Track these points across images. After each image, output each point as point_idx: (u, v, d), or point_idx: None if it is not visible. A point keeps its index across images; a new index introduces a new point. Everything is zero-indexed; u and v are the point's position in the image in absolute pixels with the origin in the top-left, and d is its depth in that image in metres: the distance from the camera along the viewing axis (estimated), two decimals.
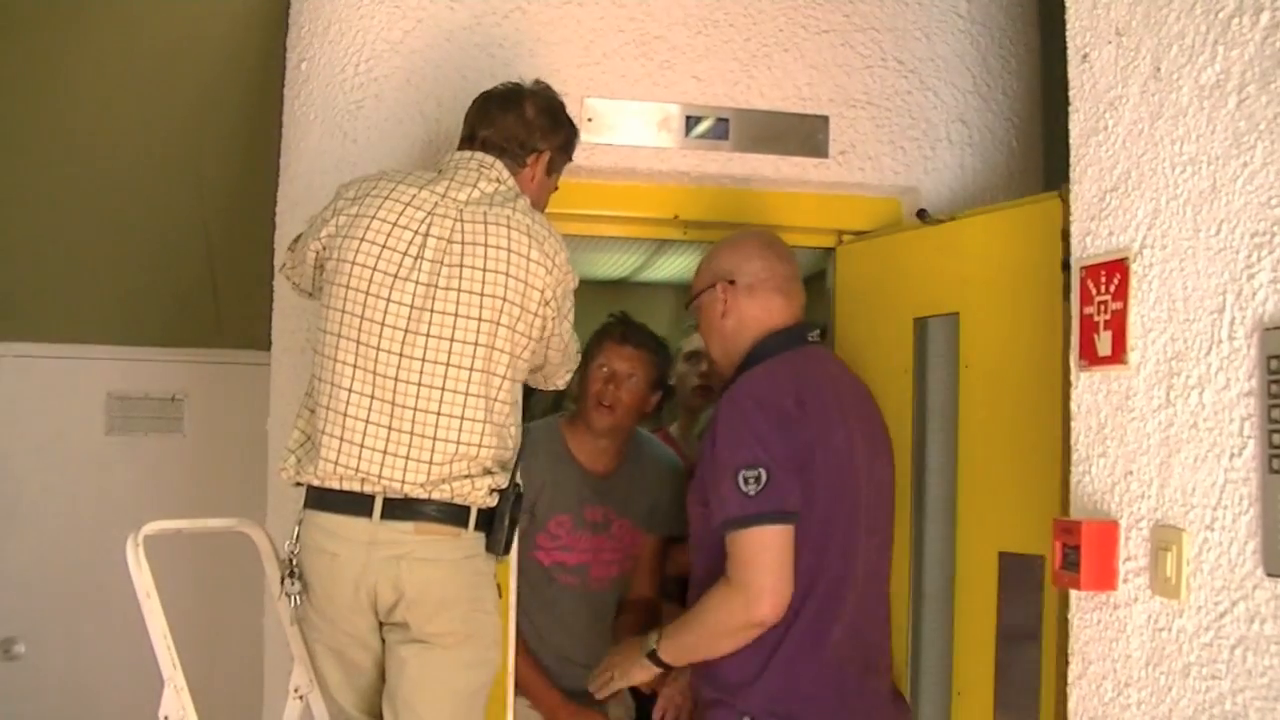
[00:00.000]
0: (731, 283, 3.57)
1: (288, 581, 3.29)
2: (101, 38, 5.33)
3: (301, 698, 3.45)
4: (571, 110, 3.61)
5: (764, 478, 3.19)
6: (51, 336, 5.40)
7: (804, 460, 3.25)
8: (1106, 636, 2.51)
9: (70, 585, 5.27)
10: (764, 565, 3.19)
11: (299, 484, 3.30)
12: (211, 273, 5.46)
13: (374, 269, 3.21)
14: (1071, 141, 2.72)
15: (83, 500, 5.35)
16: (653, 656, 3.52)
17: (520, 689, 4.12)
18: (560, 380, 3.69)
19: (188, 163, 5.41)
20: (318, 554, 3.24)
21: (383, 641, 3.29)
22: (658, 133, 4.12)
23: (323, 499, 3.24)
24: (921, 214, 3.96)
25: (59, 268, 5.40)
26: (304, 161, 4.06)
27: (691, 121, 4.14)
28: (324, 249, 3.33)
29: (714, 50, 4.17)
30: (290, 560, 3.29)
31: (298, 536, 3.29)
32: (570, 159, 3.65)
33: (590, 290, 3.70)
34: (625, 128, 4.10)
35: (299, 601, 3.31)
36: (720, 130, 4.16)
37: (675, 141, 4.14)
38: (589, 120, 4.04)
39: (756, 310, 3.56)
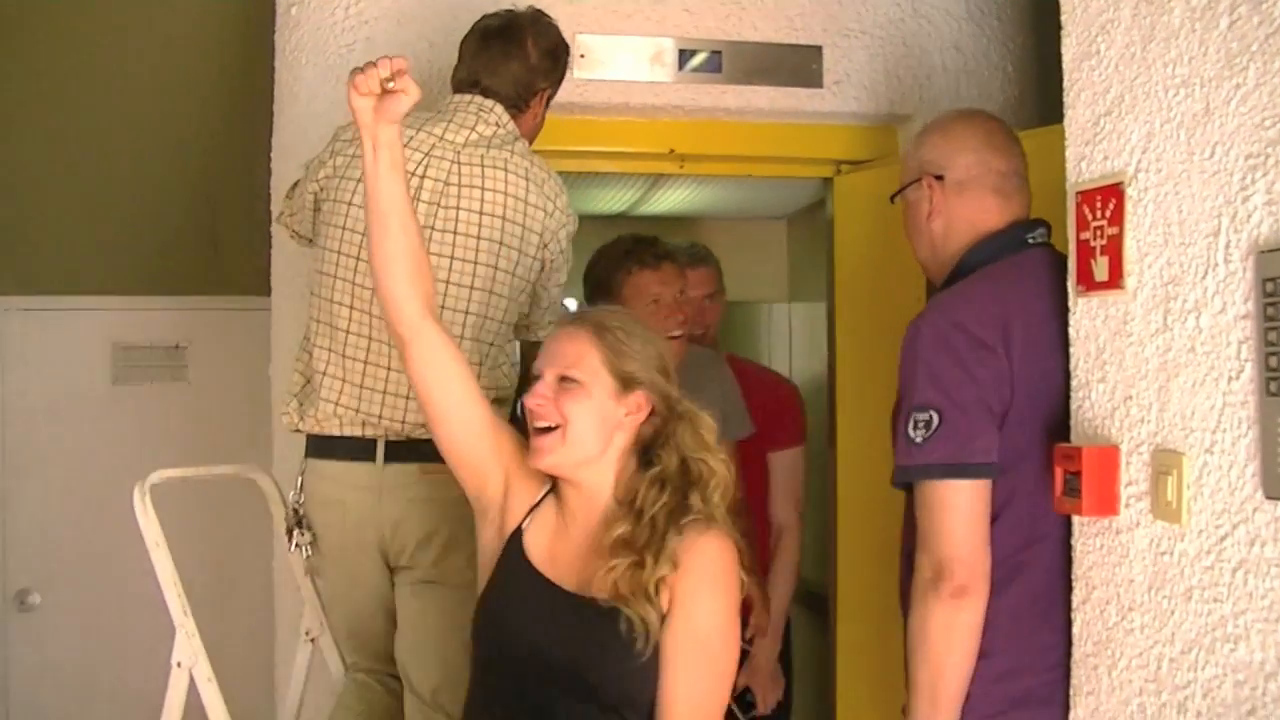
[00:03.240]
0: (939, 178, 2.96)
1: (297, 533, 3.30)
2: None
3: (313, 640, 3.49)
4: None
5: (934, 422, 2.63)
6: (55, 289, 5.40)
7: (1005, 402, 2.67)
8: (1109, 562, 2.51)
9: (82, 535, 5.29)
10: (942, 530, 2.62)
11: (299, 431, 3.31)
12: (211, 220, 5.47)
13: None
14: (1064, 66, 2.70)
15: (92, 451, 5.36)
16: None
17: None
18: (542, 331, 3.46)
19: (182, 111, 5.41)
20: (324, 504, 3.25)
21: (393, 586, 3.30)
22: (651, 67, 4.10)
23: (325, 447, 3.25)
24: None
25: (59, 220, 5.40)
26: (297, 106, 4.06)
27: (685, 55, 4.13)
28: (321, 190, 3.33)
29: None
30: (296, 512, 3.30)
31: (302, 487, 3.30)
32: (561, 83, 3.60)
33: (588, 225, 3.68)
34: (618, 63, 4.08)
35: (309, 552, 3.32)
36: (713, 63, 4.14)
37: (669, 76, 4.12)
38: (581, 56, 4.03)
39: (967, 211, 2.94)
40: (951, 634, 2.61)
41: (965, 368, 2.66)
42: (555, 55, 3.50)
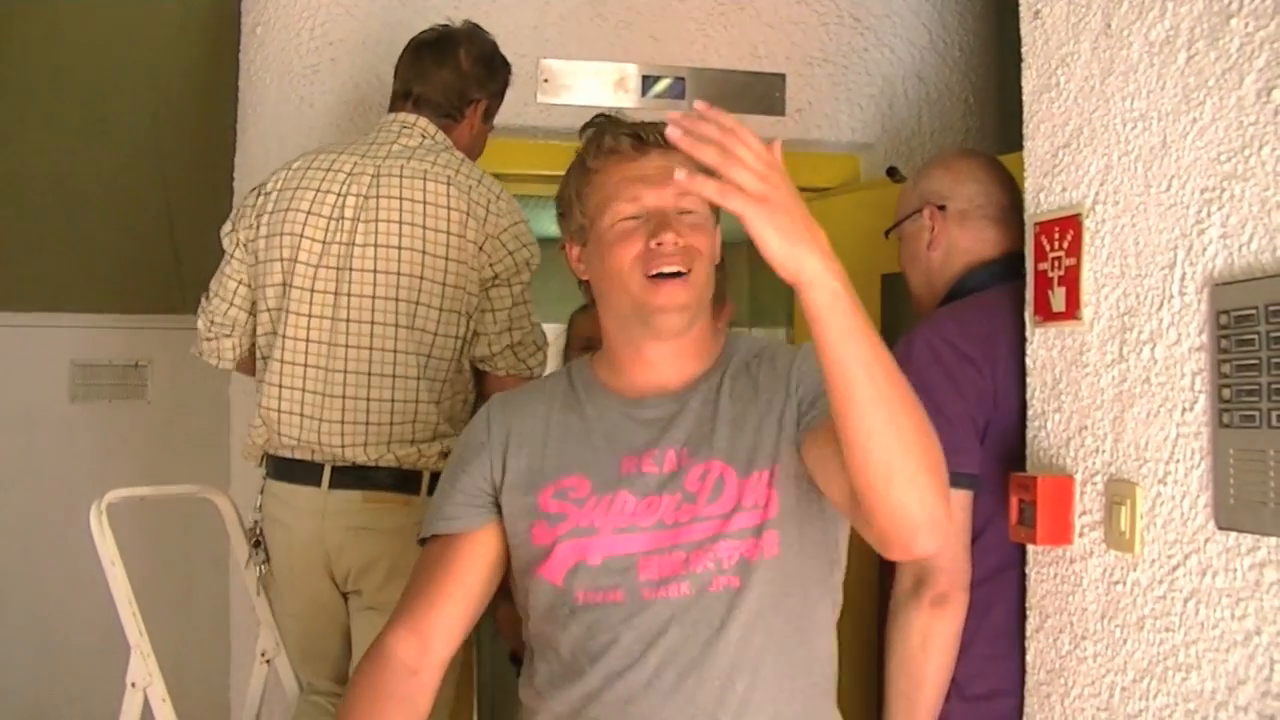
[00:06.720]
0: (941, 208, 3.02)
1: (254, 552, 3.29)
2: (55, 6, 5.29)
3: (268, 662, 3.46)
4: (527, 71, 3.61)
5: None
6: (13, 305, 5.37)
7: (988, 416, 2.72)
8: (1063, 590, 2.52)
9: (37, 553, 5.25)
10: None
11: (265, 454, 3.30)
12: (172, 239, 5.44)
13: (301, 235, 3.21)
14: (1024, 98, 2.72)
15: (49, 469, 5.33)
16: None
17: None
18: (499, 360, 3.29)
19: (145, 129, 5.38)
20: (273, 524, 3.25)
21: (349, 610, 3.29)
22: (614, 93, 4.11)
23: (278, 468, 3.25)
24: (891, 171, 3.96)
25: (19, 237, 5.37)
26: (261, 125, 4.06)
27: (648, 81, 4.14)
28: (254, 232, 3.32)
29: (670, 9, 4.17)
30: (255, 529, 3.29)
31: (260, 506, 3.29)
32: (502, 100, 3.59)
33: (551, 248, 3.66)
34: (581, 88, 4.09)
35: (262, 571, 3.31)
36: (677, 90, 4.15)
37: (632, 101, 4.13)
38: (545, 81, 4.04)
39: (967, 241, 3.00)
40: (931, 643, 2.61)
41: (953, 381, 2.69)
42: (490, 65, 3.49)
